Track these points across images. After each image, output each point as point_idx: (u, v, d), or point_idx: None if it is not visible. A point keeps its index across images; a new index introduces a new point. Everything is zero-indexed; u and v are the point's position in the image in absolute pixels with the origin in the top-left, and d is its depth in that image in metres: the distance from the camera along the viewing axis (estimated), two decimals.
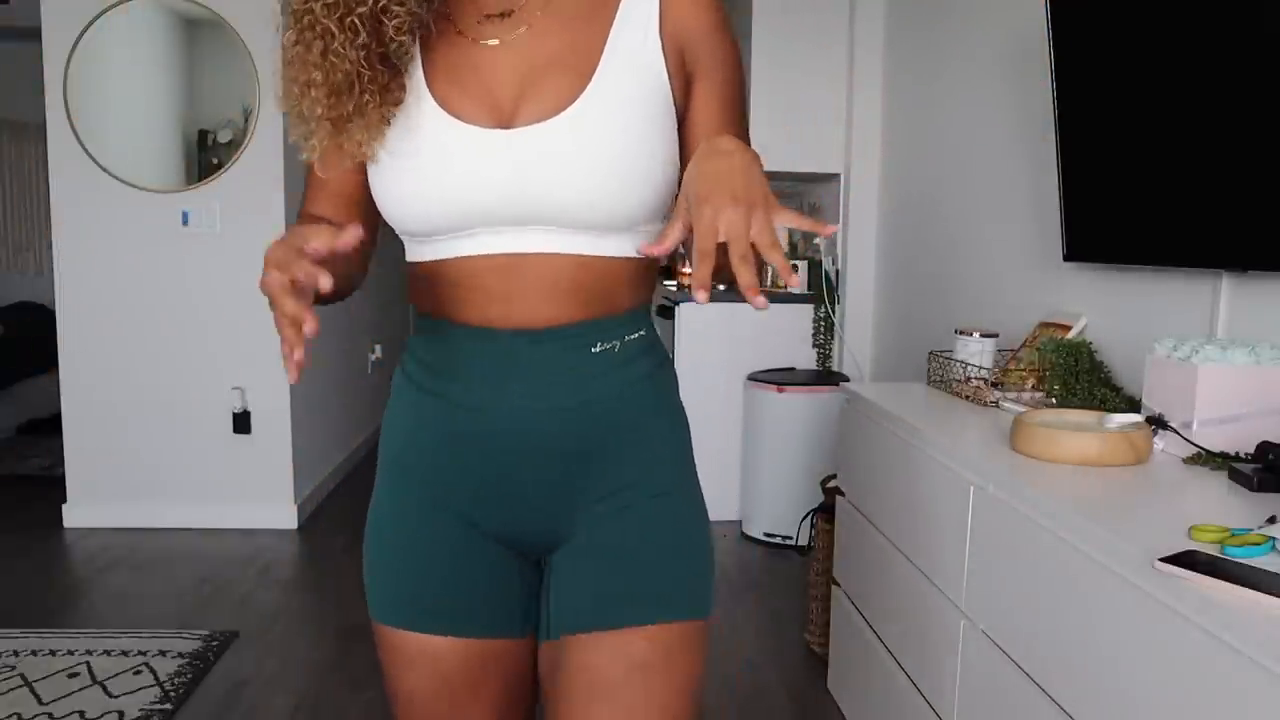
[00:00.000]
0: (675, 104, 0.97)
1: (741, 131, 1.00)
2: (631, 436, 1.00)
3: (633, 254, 0.98)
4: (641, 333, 1.02)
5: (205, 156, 3.61)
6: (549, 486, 0.99)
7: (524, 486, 0.99)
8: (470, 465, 0.99)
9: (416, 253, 1.00)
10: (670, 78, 0.96)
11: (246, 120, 3.60)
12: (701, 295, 0.69)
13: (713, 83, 0.98)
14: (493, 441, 0.98)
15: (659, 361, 1.04)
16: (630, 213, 0.94)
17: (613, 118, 0.93)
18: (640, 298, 1.02)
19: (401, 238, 1.01)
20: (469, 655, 1.01)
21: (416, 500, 1.02)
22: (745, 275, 0.69)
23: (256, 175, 3.60)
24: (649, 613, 0.97)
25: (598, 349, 0.98)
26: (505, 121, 0.94)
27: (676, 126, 0.98)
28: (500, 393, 0.97)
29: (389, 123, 0.95)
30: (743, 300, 0.91)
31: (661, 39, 0.96)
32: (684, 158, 0.98)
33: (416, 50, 0.97)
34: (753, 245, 0.70)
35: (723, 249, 0.71)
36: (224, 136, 3.61)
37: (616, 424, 0.99)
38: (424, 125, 0.94)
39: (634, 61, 0.95)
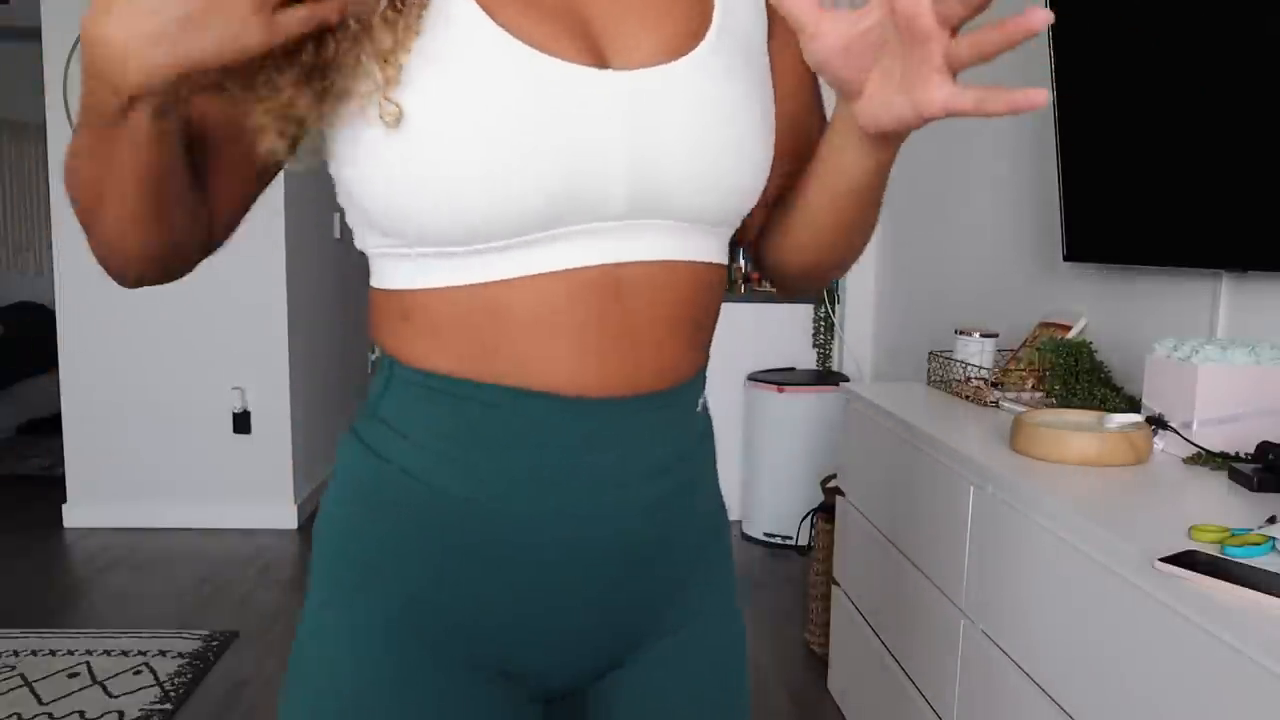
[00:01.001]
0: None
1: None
2: (703, 524, 0.76)
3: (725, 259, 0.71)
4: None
5: None
6: (614, 609, 0.70)
7: (580, 614, 0.68)
8: (508, 592, 0.66)
9: (424, 273, 0.63)
10: (768, 15, 0.72)
11: None
12: None
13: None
14: (544, 556, 0.66)
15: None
16: (757, 191, 0.67)
17: (747, 62, 0.67)
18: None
19: (391, 251, 0.64)
20: None
21: (415, 652, 0.66)
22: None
23: None
24: None
25: (699, 407, 0.72)
26: (603, 59, 0.62)
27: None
28: (567, 490, 0.65)
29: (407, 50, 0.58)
30: (740, 301, 0.78)
31: None
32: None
33: None
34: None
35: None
36: None
37: (695, 508, 0.74)
38: (477, 59, 0.59)
39: None
